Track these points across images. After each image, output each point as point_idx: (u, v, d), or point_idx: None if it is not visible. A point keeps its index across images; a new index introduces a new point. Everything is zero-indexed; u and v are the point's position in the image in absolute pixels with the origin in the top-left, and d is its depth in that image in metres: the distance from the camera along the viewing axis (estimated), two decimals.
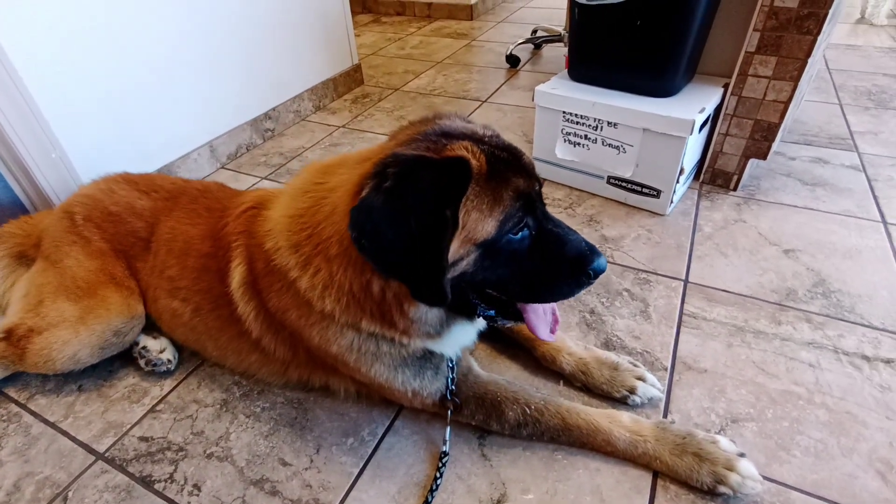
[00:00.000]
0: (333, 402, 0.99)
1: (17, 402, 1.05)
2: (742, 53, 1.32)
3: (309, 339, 0.80)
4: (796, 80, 1.29)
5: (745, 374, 0.99)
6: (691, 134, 1.28)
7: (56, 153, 1.36)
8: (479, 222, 0.64)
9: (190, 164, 1.76)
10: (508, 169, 0.67)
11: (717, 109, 1.42)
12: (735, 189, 1.52)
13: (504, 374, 1.03)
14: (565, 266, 0.71)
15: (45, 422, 1.00)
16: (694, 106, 1.31)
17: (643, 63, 1.35)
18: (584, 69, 1.47)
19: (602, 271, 0.72)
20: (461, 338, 0.85)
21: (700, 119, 1.28)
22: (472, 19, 3.51)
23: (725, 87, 1.41)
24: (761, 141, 1.41)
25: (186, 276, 0.98)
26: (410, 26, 3.47)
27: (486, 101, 2.25)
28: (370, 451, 0.91)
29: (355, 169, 0.70)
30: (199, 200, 1.05)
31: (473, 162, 0.64)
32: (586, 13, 1.36)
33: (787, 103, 1.32)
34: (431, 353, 0.84)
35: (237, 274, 0.87)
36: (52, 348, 0.99)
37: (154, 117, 1.62)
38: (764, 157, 1.42)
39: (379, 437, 0.93)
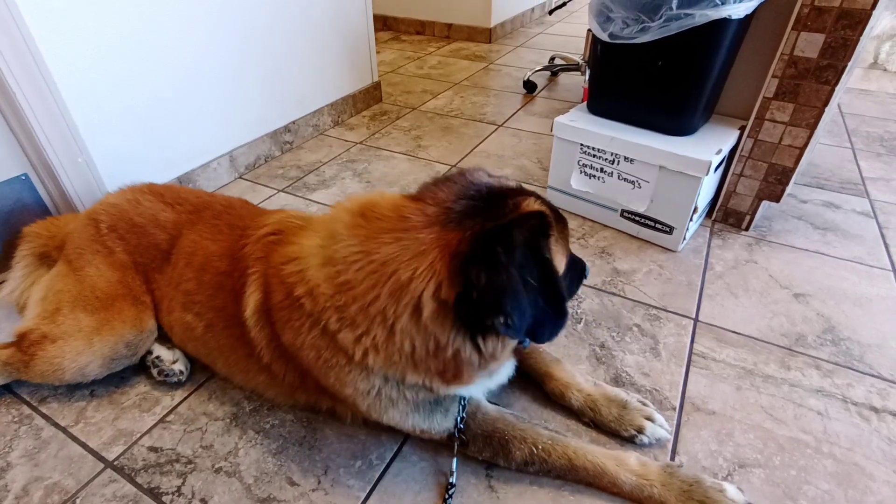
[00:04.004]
0: (342, 423, 1.00)
1: (29, 404, 1.06)
2: (760, 98, 1.34)
3: (322, 377, 0.80)
4: (813, 127, 1.31)
5: (753, 419, 0.99)
6: (707, 174, 1.30)
7: (82, 158, 1.39)
8: (559, 263, 0.72)
9: (210, 174, 1.79)
10: (556, 212, 0.76)
11: (733, 150, 1.44)
12: (747, 229, 1.53)
13: (513, 405, 1.04)
14: (578, 275, 0.88)
15: (56, 426, 1.01)
16: (711, 147, 1.33)
17: (662, 102, 1.38)
18: (603, 104, 1.50)
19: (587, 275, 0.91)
20: (498, 380, 0.86)
21: (717, 160, 1.30)
22: (490, 42, 3.57)
23: (742, 129, 1.43)
24: (775, 184, 1.42)
25: (202, 291, 0.99)
26: (429, 46, 3.53)
27: (502, 125, 2.29)
28: (378, 475, 0.92)
29: (409, 241, 0.67)
30: (222, 216, 1.07)
31: (547, 211, 0.71)
32: (608, 50, 1.39)
33: (802, 149, 1.34)
34: (442, 398, 0.84)
35: (252, 301, 0.88)
36: (65, 357, 1.00)
37: (178, 126, 1.65)
38: (777, 199, 1.44)
39: (387, 461, 0.94)
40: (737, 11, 1.17)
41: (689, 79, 1.31)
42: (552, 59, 2.90)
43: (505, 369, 0.85)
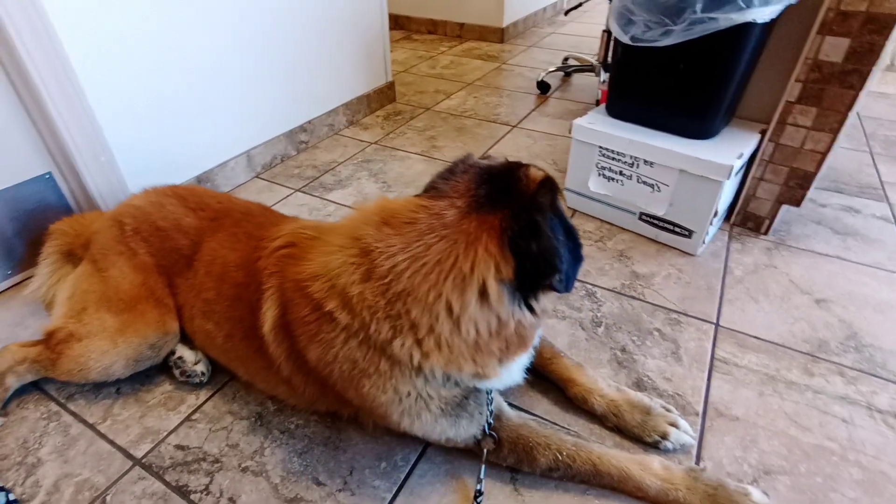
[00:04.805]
0: (364, 430, 1.00)
1: (56, 401, 1.07)
2: (782, 102, 1.34)
3: (353, 388, 0.80)
4: (836, 131, 1.30)
5: (777, 425, 0.99)
6: (728, 178, 1.29)
7: (105, 157, 1.40)
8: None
9: (227, 172, 1.80)
10: None
11: (753, 154, 1.44)
12: (766, 233, 1.53)
13: (534, 408, 1.04)
14: None
15: (84, 423, 1.02)
16: (732, 151, 1.33)
17: (683, 105, 1.37)
18: (622, 106, 1.50)
19: None
20: (516, 375, 0.87)
21: (738, 164, 1.30)
22: (502, 42, 3.57)
23: (763, 132, 1.43)
24: (796, 188, 1.42)
25: (221, 301, 1.00)
26: (441, 45, 3.53)
27: (516, 126, 2.28)
28: (403, 476, 0.92)
29: (456, 234, 0.70)
30: (240, 224, 1.07)
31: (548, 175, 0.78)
32: (629, 53, 1.39)
33: (824, 154, 1.34)
34: (468, 401, 0.85)
35: (269, 317, 0.88)
36: (90, 357, 1.01)
37: (196, 125, 1.66)
38: (798, 204, 1.43)
39: (412, 463, 0.94)
40: (762, 15, 1.16)
41: (711, 82, 1.31)
42: (566, 59, 2.89)
43: (523, 359, 0.86)
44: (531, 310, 0.75)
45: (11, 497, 0.40)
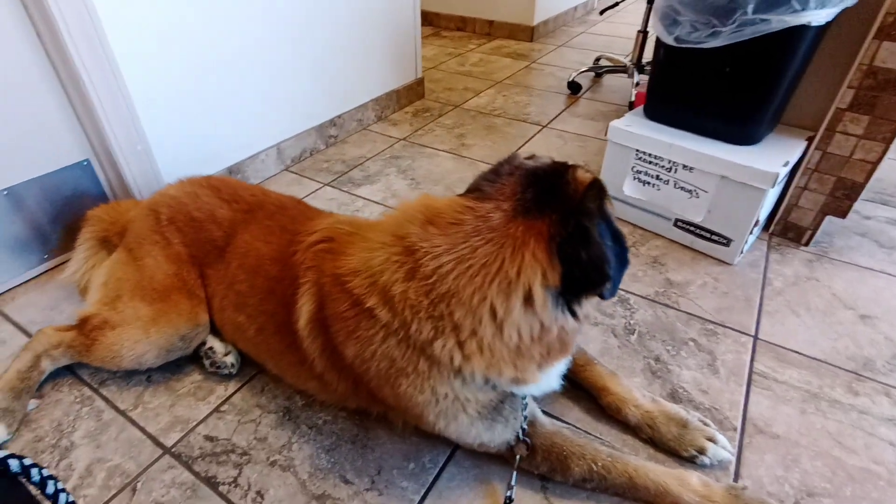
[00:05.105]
0: (392, 429, 0.99)
1: (90, 386, 1.08)
2: (832, 109, 1.29)
3: (389, 386, 0.79)
4: (889, 141, 1.24)
5: (820, 445, 0.95)
6: (773, 187, 1.25)
7: (141, 146, 1.42)
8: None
9: (257, 165, 1.81)
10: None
11: (798, 162, 1.39)
12: (807, 244, 1.47)
13: (566, 416, 1.02)
14: None
15: (116, 409, 1.03)
16: (777, 158, 1.28)
17: (728, 109, 1.33)
18: (662, 109, 1.46)
19: None
20: (554, 380, 0.86)
21: (783, 173, 1.25)
22: (531, 41, 3.53)
23: (809, 140, 1.38)
24: (842, 199, 1.36)
25: (254, 294, 0.99)
26: (470, 42, 3.50)
27: (546, 126, 2.25)
28: (431, 478, 0.91)
29: (503, 237, 0.69)
30: (274, 217, 1.07)
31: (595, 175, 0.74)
32: (672, 54, 1.35)
33: (875, 164, 1.28)
34: (504, 405, 0.83)
35: (304, 311, 0.87)
36: (123, 345, 1.02)
37: (229, 117, 1.67)
38: (844, 215, 1.38)
39: (440, 465, 0.93)
40: (817, 18, 1.11)
41: (758, 87, 1.26)
42: (597, 59, 2.85)
43: (562, 364, 0.84)
44: (574, 315, 0.73)
45: (46, 472, 0.40)
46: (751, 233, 1.35)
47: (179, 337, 1.05)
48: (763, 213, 1.36)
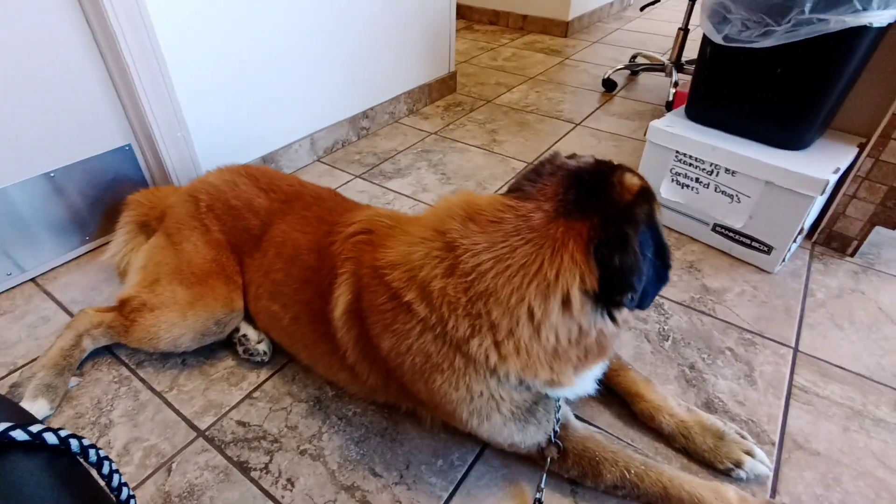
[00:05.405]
0: (421, 425, 0.99)
1: (127, 367, 1.11)
2: (888, 115, 1.23)
3: (423, 382, 0.78)
4: None
5: (863, 465, 0.92)
6: (821, 194, 1.20)
7: (181, 132, 1.44)
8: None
9: (291, 155, 1.82)
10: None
11: (847, 169, 1.33)
12: (853, 255, 1.42)
13: (596, 420, 1.00)
14: None
15: (152, 390, 1.06)
16: (827, 164, 1.23)
17: (776, 112, 1.28)
18: (705, 110, 1.42)
19: None
20: (589, 384, 0.84)
21: (833, 180, 1.20)
22: (566, 36, 3.47)
23: (861, 146, 1.32)
24: (893, 209, 1.30)
25: (290, 283, 1.00)
26: (503, 37, 3.46)
27: (579, 123, 2.21)
28: (459, 476, 0.91)
29: (543, 239, 0.68)
30: (311, 208, 1.07)
31: (646, 182, 0.72)
32: (719, 53, 1.30)
33: None
34: (537, 406, 0.83)
35: (341, 302, 0.87)
36: (161, 327, 1.04)
37: (265, 107, 1.69)
38: (894, 226, 1.32)
39: (469, 463, 0.93)
40: (879, 19, 1.06)
41: (810, 89, 1.21)
42: (633, 57, 2.78)
43: (598, 368, 0.83)
44: (613, 319, 0.72)
45: (102, 453, 0.40)
46: (794, 241, 1.30)
47: (215, 321, 1.07)
48: (808, 221, 1.31)
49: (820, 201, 1.27)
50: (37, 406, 0.98)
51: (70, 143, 1.31)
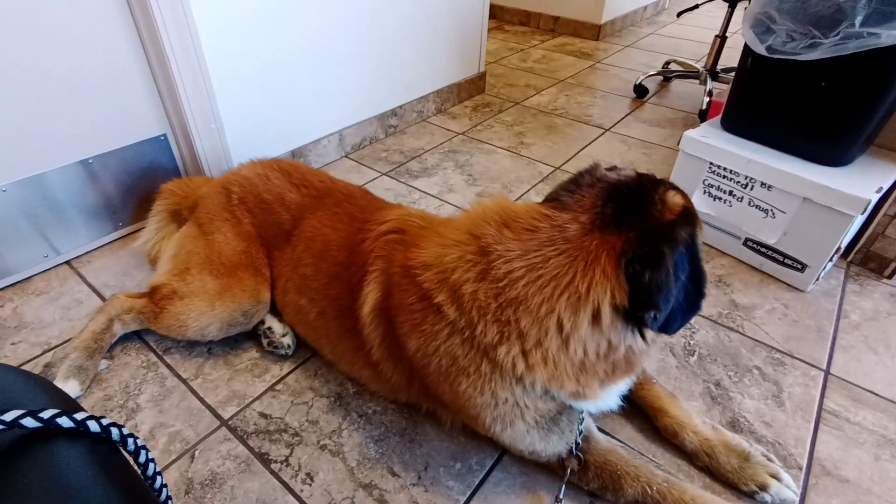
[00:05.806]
0: (441, 427, 0.99)
1: (155, 352, 1.13)
2: None
3: (447, 384, 0.78)
4: None
5: (894, 496, 0.89)
6: (862, 213, 1.16)
7: (215, 124, 1.46)
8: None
9: (319, 150, 1.84)
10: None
11: (890, 188, 1.28)
12: (890, 277, 1.37)
13: (618, 434, 0.99)
14: None
15: (178, 377, 1.08)
16: (869, 182, 1.19)
17: (818, 127, 1.24)
18: (743, 121, 1.38)
19: None
20: (613, 400, 0.83)
21: (876, 199, 1.16)
22: (597, 39, 3.42)
23: None
24: None
25: (319, 278, 1.01)
26: (533, 38, 3.44)
27: (609, 129, 2.18)
28: (477, 481, 0.90)
29: (576, 250, 0.67)
30: (342, 205, 1.08)
31: (690, 203, 0.70)
32: (761, 64, 1.27)
33: None
34: (561, 416, 0.82)
35: (370, 299, 0.88)
36: (189, 316, 1.06)
37: (296, 102, 1.70)
38: None
39: (487, 468, 0.92)
40: None
41: (856, 105, 1.17)
42: (667, 63, 2.73)
43: (625, 384, 0.82)
44: (643, 336, 0.71)
45: (140, 443, 0.41)
46: (829, 260, 1.27)
47: (242, 312, 1.09)
48: (845, 241, 1.27)
49: (859, 220, 1.23)
50: (68, 387, 1.00)
51: (108, 132, 1.34)
